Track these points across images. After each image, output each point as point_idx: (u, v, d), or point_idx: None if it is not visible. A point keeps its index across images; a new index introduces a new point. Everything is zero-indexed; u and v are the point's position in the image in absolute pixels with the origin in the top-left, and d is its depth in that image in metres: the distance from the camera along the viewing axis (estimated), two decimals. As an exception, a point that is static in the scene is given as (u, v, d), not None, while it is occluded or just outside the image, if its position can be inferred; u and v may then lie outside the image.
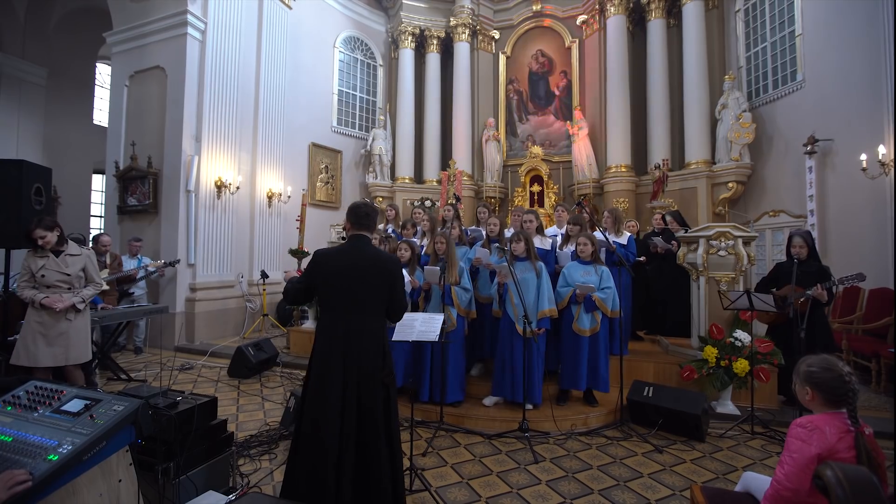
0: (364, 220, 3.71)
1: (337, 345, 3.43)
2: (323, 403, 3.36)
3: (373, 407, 3.40)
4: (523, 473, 4.71)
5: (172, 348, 10.07)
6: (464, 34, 16.05)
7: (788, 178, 10.87)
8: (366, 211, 3.74)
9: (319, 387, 3.41)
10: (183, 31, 10.65)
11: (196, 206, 10.64)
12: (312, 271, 3.64)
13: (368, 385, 3.41)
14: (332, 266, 3.57)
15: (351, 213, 3.75)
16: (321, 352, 3.49)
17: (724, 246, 6.75)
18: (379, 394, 3.45)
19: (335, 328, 3.48)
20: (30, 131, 14.29)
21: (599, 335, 6.16)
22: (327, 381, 3.39)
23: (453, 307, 6.15)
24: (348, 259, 3.57)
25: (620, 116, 13.69)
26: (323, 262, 3.61)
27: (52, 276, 5.34)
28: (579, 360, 6.10)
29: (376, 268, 3.56)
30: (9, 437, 2.62)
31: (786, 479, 2.45)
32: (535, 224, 7.11)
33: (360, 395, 3.38)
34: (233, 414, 6.33)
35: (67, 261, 5.46)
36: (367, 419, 3.38)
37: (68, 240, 5.59)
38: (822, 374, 2.56)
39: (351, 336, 3.44)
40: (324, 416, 3.33)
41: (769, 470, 4.69)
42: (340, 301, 3.52)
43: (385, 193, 15.77)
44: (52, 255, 5.38)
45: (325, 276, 3.57)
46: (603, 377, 6.15)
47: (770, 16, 11.61)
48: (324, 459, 3.28)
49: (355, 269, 3.53)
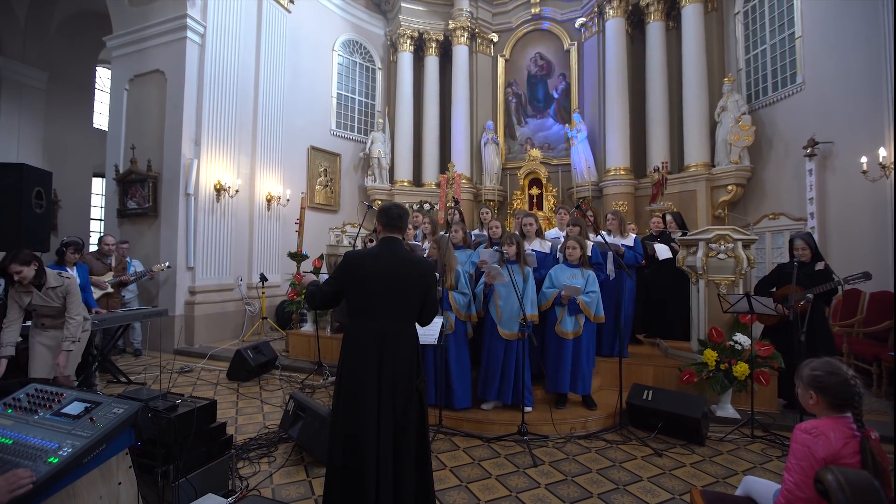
0: (396, 221, 3.59)
1: (371, 351, 3.30)
2: (359, 414, 3.24)
3: (408, 415, 3.30)
4: (522, 477, 4.70)
5: (172, 351, 10.08)
6: (462, 37, 16.08)
7: (788, 181, 10.87)
8: (398, 213, 3.61)
9: (354, 397, 3.29)
10: (182, 34, 10.66)
11: (195, 209, 10.63)
12: (344, 273, 3.48)
13: (405, 393, 3.31)
14: (367, 269, 3.42)
15: (383, 214, 3.62)
16: (354, 359, 3.35)
17: (723, 249, 6.76)
18: (415, 402, 3.36)
19: (369, 334, 3.34)
20: (30, 135, 14.27)
21: (582, 339, 6.18)
22: (362, 390, 3.26)
23: (451, 311, 6.14)
24: (383, 263, 3.44)
25: (619, 119, 13.70)
26: (357, 265, 3.46)
27: (42, 310, 5.30)
28: (562, 362, 6.12)
29: (414, 272, 3.46)
30: (9, 440, 2.61)
31: (797, 489, 2.44)
32: (534, 227, 7.11)
33: (395, 403, 3.27)
34: (232, 417, 6.33)
35: (51, 294, 5.33)
36: (401, 429, 3.28)
37: (46, 271, 5.31)
38: (827, 379, 2.55)
39: (387, 342, 3.32)
40: (361, 428, 3.21)
41: (769, 474, 4.70)
42: (375, 306, 3.38)
43: (384, 196, 15.76)
44: (36, 290, 5.24)
45: (358, 280, 3.42)
46: (581, 381, 6.18)
47: (770, 18, 11.62)
48: (361, 473, 3.17)
49: (391, 273, 3.40)
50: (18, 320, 5.25)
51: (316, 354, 8.65)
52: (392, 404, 3.26)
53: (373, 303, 3.39)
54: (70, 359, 5.38)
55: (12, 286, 5.25)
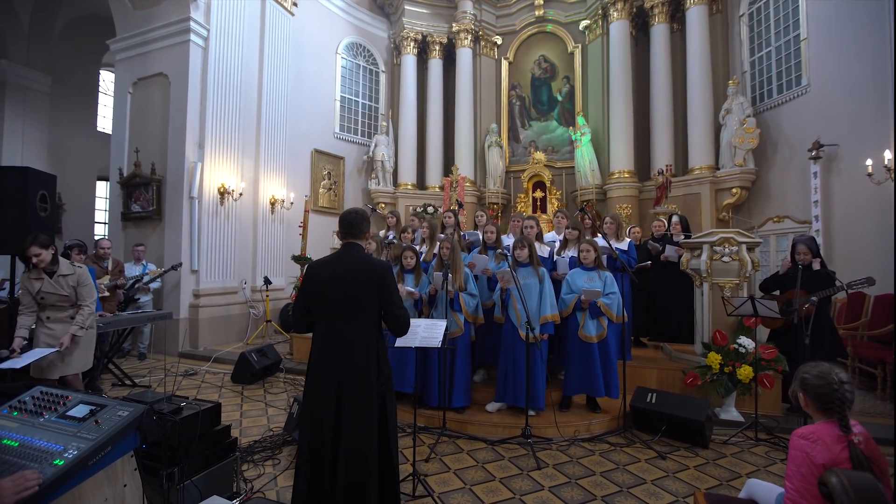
0: (349, 228, 3.66)
1: (332, 353, 3.42)
2: (318, 412, 3.37)
3: (367, 416, 3.36)
4: (526, 479, 4.70)
5: (176, 354, 10.11)
6: (466, 40, 16.09)
7: (793, 184, 10.85)
8: (349, 220, 3.68)
9: (314, 396, 3.42)
10: (186, 38, 10.70)
11: (199, 212, 10.66)
12: (305, 286, 3.66)
13: (363, 394, 3.37)
14: (323, 275, 3.57)
15: (340, 223, 3.73)
16: (316, 361, 3.50)
17: (727, 252, 6.75)
18: (374, 402, 3.41)
19: (328, 337, 3.48)
20: (34, 138, 14.33)
21: (608, 341, 6.15)
22: (322, 390, 3.39)
23: (461, 313, 6.16)
24: (337, 267, 3.56)
25: (623, 122, 13.69)
26: (314, 274, 3.62)
27: (51, 298, 5.30)
28: (591, 366, 6.06)
29: (365, 273, 3.51)
30: (15, 443, 2.62)
31: (799, 496, 2.43)
32: (535, 230, 7.12)
33: (354, 404, 3.35)
34: (236, 419, 6.35)
35: (61, 282, 5.38)
36: (361, 428, 3.34)
37: (60, 259, 5.43)
38: (812, 382, 2.56)
39: (344, 345, 3.42)
40: (318, 425, 3.35)
41: (773, 477, 4.70)
42: (332, 309, 3.50)
43: (388, 200, 15.80)
44: (47, 277, 5.31)
45: (316, 287, 3.57)
46: (614, 383, 6.13)
47: (775, 20, 11.62)
48: (320, 468, 3.31)
49: (345, 277, 3.51)
50: (33, 306, 5.31)
51: (320, 357, 8.59)
52: (351, 405, 3.35)
53: (330, 306, 3.52)
54: (77, 353, 5.44)
55: (26, 271, 5.34)
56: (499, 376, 6.26)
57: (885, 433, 5.33)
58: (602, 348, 6.12)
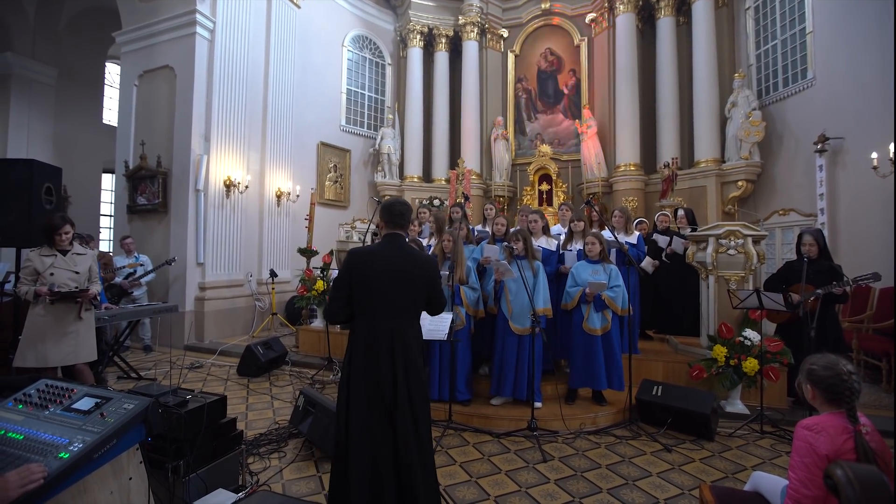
0: (399, 218, 3.53)
1: (384, 350, 3.25)
2: (370, 417, 3.22)
3: (424, 417, 3.30)
4: (532, 472, 4.70)
5: (182, 347, 10.14)
6: (472, 33, 16.04)
7: (798, 177, 10.81)
8: (400, 209, 3.56)
9: (365, 400, 3.24)
10: (192, 30, 10.70)
11: (205, 205, 10.68)
12: (348, 273, 3.41)
13: (418, 386, 3.29)
14: (371, 267, 3.37)
15: (385, 211, 3.57)
16: (363, 360, 3.28)
17: (733, 245, 6.73)
18: (428, 403, 3.38)
19: (378, 334, 3.28)
20: (40, 131, 14.36)
21: (612, 334, 6.15)
22: (375, 388, 3.23)
23: (462, 306, 6.16)
24: (388, 260, 3.40)
25: (629, 115, 13.63)
26: (360, 263, 3.41)
27: (63, 275, 5.33)
28: (595, 359, 6.07)
29: (417, 268, 3.43)
30: (20, 436, 2.63)
31: (802, 486, 2.43)
32: (540, 224, 7.11)
33: (412, 401, 3.24)
34: (242, 412, 6.36)
35: (76, 259, 5.46)
36: (419, 429, 3.26)
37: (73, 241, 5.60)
38: (820, 373, 2.56)
39: (398, 340, 3.28)
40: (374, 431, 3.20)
41: (778, 469, 4.68)
42: (382, 303, 3.33)
43: (393, 192, 15.76)
44: (60, 254, 5.37)
45: (363, 278, 3.36)
46: (619, 376, 6.14)
47: (780, 13, 11.54)
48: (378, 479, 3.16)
49: (396, 270, 3.37)
50: (33, 282, 5.31)
51: (326, 350, 8.65)
52: (409, 402, 3.24)
53: (381, 300, 3.34)
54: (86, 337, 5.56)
55: (35, 249, 5.42)
56: (493, 369, 6.29)
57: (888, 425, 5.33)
58: (606, 341, 6.12)
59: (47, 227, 5.35)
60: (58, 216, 5.41)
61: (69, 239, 5.43)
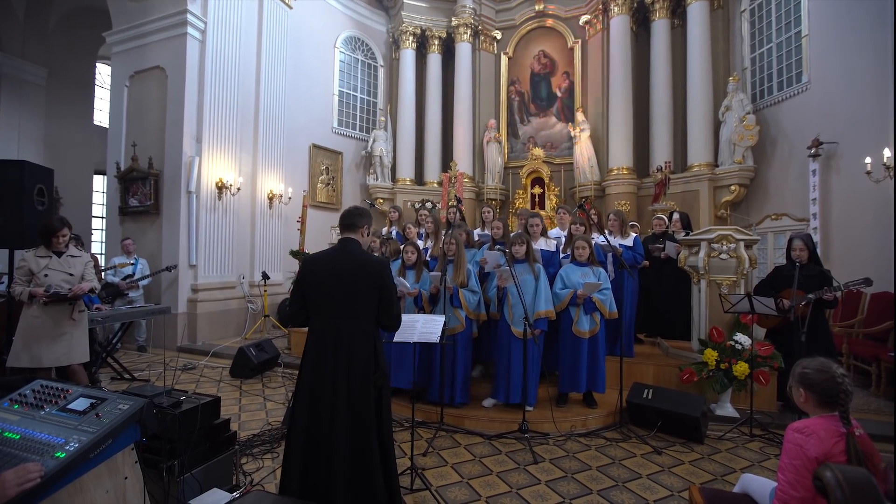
0: (349, 221, 3.68)
1: (328, 349, 3.41)
2: (314, 408, 3.38)
3: (363, 410, 3.38)
4: (523, 474, 4.73)
5: (175, 348, 10.12)
6: (465, 34, 16.03)
7: (792, 181, 10.86)
8: (345, 213, 3.74)
9: (310, 392, 3.43)
10: (183, 30, 10.66)
11: (197, 207, 10.67)
12: (301, 279, 3.64)
13: (360, 389, 3.38)
14: (320, 270, 3.56)
15: (341, 217, 3.76)
16: (312, 356, 3.48)
17: (725, 249, 6.78)
18: (370, 397, 3.43)
19: (325, 332, 3.46)
20: (30, 132, 14.29)
21: (598, 336, 6.19)
22: (318, 385, 3.39)
23: (461, 309, 6.18)
24: (335, 262, 3.56)
25: (623, 118, 13.68)
26: (310, 268, 3.62)
27: (57, 276, 5.33)
28: (579, 362, 6.12)
29: (364, 270, 3.51)
30: (16, 435, 2.64)
31: (790, 488, 2.46)
32: (540, 227, 7.13)
33: (350, 398, 3.36)
34: (235, 413, 6.37)
35: (71, 262, 5.47)
36: (358, 423, 3.36)
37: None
38: (814, 376, 2.58)
39: (341, 340, 3.42)
40: (315, 421, 3.36)
41: (767, 472, 4.73)
42: (329, 305, 3.50)
43: (386, 195, 15.78)
44: (55, 256, 5.38)
45: (313, 281, 3.56)
46: (601, 378, 6.19)
47: (776, 16, 11.64)
48: (316, 463, 3.33)
49: (342, 272, 3.50)
50: (27, 282, 5.31)
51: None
52: (347, 398, 3.36)
53: (327, 302, 3.52)
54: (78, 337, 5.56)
55: (30, 250, 5.44)
56: (497, 373, 6.30)
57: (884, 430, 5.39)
58: (591, 344, 6.17)
59: (45, 229, 5.36)
60: (56, 219, 5.43)
61: (66, 241, 5.45)
